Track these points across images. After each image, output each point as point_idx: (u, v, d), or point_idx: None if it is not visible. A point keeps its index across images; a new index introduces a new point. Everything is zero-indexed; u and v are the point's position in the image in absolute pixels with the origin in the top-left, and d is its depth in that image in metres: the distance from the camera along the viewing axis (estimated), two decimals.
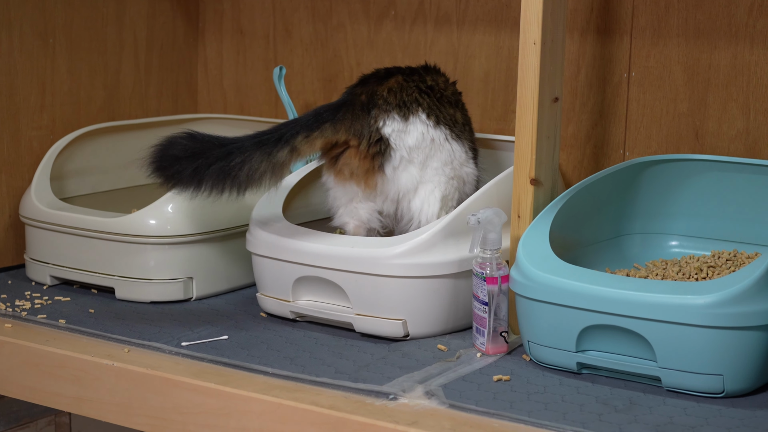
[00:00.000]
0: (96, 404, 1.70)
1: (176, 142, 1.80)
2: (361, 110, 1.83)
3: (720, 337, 1.48)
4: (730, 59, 1.92)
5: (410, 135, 1.83)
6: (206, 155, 1.77)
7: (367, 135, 1.81)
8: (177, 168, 1.78)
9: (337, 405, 1.51)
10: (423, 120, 1.84)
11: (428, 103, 1.85)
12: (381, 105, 1.83)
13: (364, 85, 1.88)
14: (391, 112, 1.83)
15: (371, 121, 1.82)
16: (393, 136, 1.82)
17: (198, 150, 1.78)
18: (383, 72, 1.90)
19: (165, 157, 1.79)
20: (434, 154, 1.84)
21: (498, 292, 1.67)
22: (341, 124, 1.82)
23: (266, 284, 1.86)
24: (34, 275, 2.06)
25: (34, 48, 2.15)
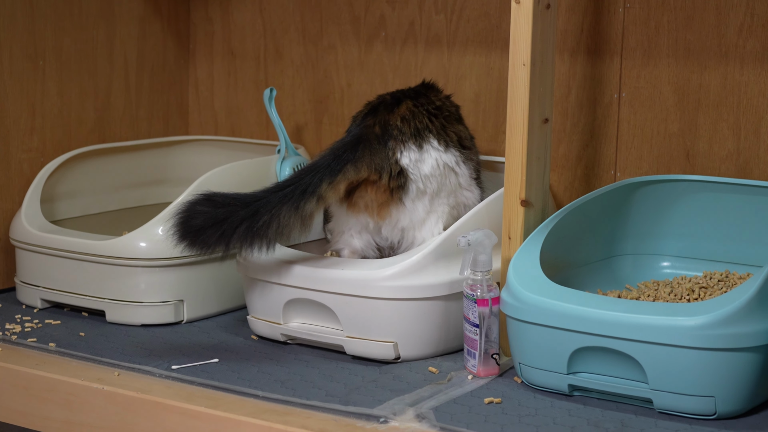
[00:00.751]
0: (86, 428, 1.69)
1: (198, 211, 1.75)
2: (377, 143, 1.82)
3: (711, 359, 1.48)
4: (721, 79, 1.93)
5: (425, 163, 1.83)
6: (231, 219, 1.74)
7: (387, 169, 1.81)
8: (203, 238, 1.74)
9: (328, 428, 1.50)
10: (435, 146, 1.84)
11: (437, 127, 1.85)
12: (396, 136, 1.83)
13: (374, 115, 1.86)
14: (407, 142, 1.83)
15: (389, 153, 1.81)
16: (411, 167, 1.82)
17: (221, 216, 1.74)
18: (390, 98, 1.89)
19: (189, 229, 1.75)
20: (444, 182, 1.85)
21: (489, 314, 1.67)
22: (362, 162, 1.81)
23: (257, 307, 1.85)
24: (24, 298, 2.06)
25: (24, 70, 2.15)
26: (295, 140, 2.36)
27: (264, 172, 2.13)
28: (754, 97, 1.90)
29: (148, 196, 2.35)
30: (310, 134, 2.37)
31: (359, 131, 1.84)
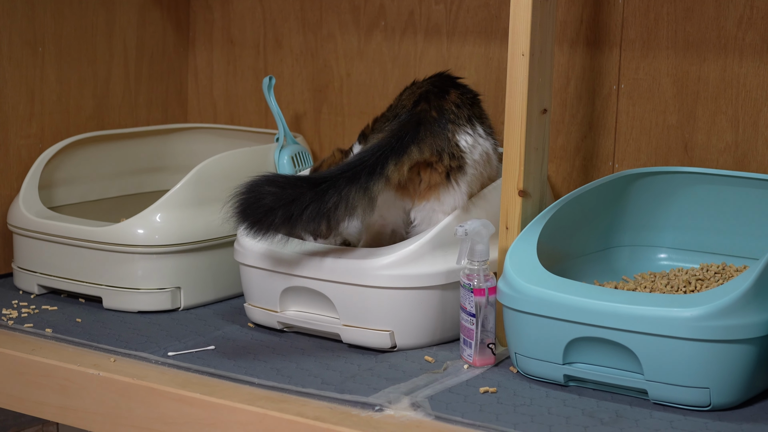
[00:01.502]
0: (82, 414, 1.69)
1: (266, 191, 1.73)
2: (437, 126, 1.81)
3: (707, 350, 1.48)
4: (720, 72, 1.92)
5: (476, 149, 1.83)
6: (299, 200, 1.72)
7: (447, 150, 1.80)
8: (270, 219, 1.72)
9: (323, 416, 1.51)
10: (480, 133, 1.84)
11: (479, 115, 1.87)
12: (454, 120, 1.82)
13: (427, 101, 1.84)
14: (464, 126, 1.83)
15: (449, 136, 1.81)
16: (467, 150, 1.82)
17: (290, 197, 1.72)
18: (432, 86, 1.87)
19: (256, 209, 1.73)
20: (485, 169, 1.85)
21: (485, 304, 1.67)
22: (424, 143, 1.79)
23: (254, 294, 1.86)
24: (21, 284, 2.06)
25: (23, 56, 2.15)
26: (293, 129, 2.36)
27: (262, 161, 2.13)
28: (753, 90, 1.90)
29: (146, 183, 2.35)
30: (308, 123, 2.37)
31: (416, 115, 1.83)
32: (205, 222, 1.97)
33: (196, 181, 1.99)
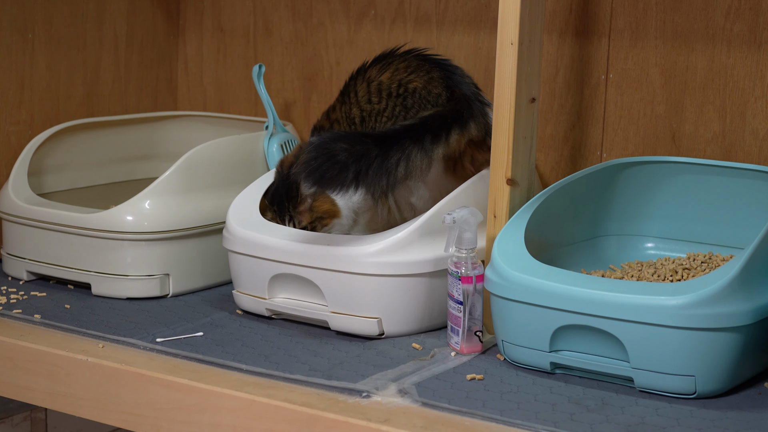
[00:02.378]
0: (70, 399, 1.70)
1: (339, 148, 1.73)
2: (481, 106, 1.87)
3: (692, 339, 1.49)
4: (707, 62, 1.93)
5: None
6: (367, 156, 1.74)
7: (490, 132, 1.83)
8: (344, 175, 1.73)
9: (310, 402, 1.51)
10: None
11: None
12: (483, 99, 1.89)
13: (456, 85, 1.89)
14: (489, 105, 1.88)
15: (489, 118, 1.85)
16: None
17: (359, 153, 1.74)
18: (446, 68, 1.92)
19: (331, 165, 1.72)
20: None
21: (473, 292, 1.68)
22: (477, 121, 1.85)
23: (242, 281, 1.86)
24: (10, 270, 2.06)
25: (13, 43, 2.15)
26: (283, 117, 2.37)
27: (252, 148, 2.13)
28: (741, 80, 1.91)
29: (135, 170, 2.35)
30: (298, 111, 2.37)
31: (464, 93, 1.88)
32: (194, 209, 1.98)
33: (185, 168, 1.99)
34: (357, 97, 1.93)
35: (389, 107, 1.90)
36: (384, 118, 1.90)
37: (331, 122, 1.94)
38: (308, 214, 1.85)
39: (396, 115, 1.89)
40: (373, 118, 1.91)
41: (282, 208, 1.86)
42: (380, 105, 1.91)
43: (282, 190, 1.87)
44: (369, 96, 1.92)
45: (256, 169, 2.13)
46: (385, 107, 1.90)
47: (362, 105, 1.92)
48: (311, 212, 1.85)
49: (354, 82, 1.95)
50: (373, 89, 1.92)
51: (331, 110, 1.97)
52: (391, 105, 1.90)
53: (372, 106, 1.91)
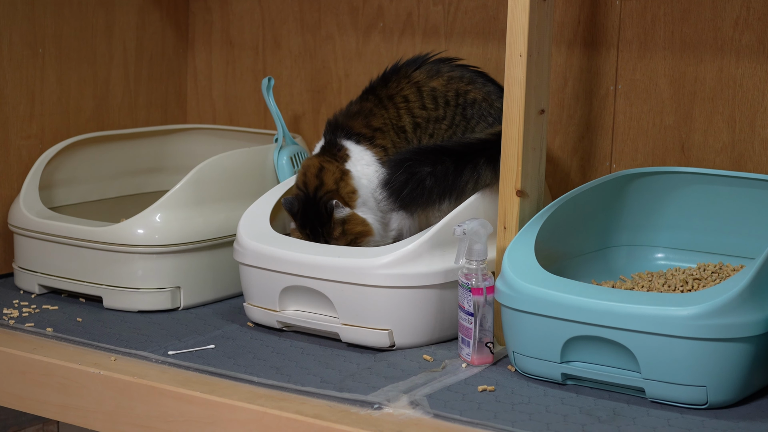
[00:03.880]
0: (82, 412, 1.70)
1: (424, 174, 1.82)
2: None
3: (704, 349, 1.49)
4: (716, 72, 1.94)
5: None
6: (446, 175, 1.82)
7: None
8: (431, 199, 1.83)
9: (322, 414, 1.51)
10: None
11: None
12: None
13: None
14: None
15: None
16: None
17: (442, 173, 1.82)
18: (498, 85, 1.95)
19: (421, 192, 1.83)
20: None
21: (483, 303, 1.68)
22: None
23: (253, 294, 1.86)
24: (22, 284, 2.06)
25: (24, 57, 2.16)
26: (292, 129, 2.37)
27: (262, 161, 2.14)
28: (749, 90, 1.91)
29: (146, 183, 2.36)
30: (307, 124, 2.38)
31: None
32: (204, 222, 1.98)
33: (195, 181, 2.00)
34: (408, 104, 1.94)
35: (449, 116, 1.92)
36: (444, 125, 1.92)
37: (373, 130, 1.94)
38: (343, 238, 1.87)
39: (456, 124, 1.92)
40: (431, 125, 1.93)
41: (316, 233, 1.88)
42: (437, 112, 1.92)
43: (311, 215, 1.87)
44: (423, 102, 1.93)
45: (266, 181, 2.13)
46: (443, 115, 1.92)
47: (414, 111, 1.93)
48: (345, 236, 1.87)
49: (396, 85, 1.96)
50: (427, 95, 1.93)
51: (368, 114, 1.95)
52: (450, 113, 1.92)
53: (428, 113, 1.92)
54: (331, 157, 1.92)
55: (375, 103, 1.95)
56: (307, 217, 1.88)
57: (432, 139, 1.92)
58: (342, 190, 1.89)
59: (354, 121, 1.95)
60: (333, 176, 1.90)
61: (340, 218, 1.86)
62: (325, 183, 1.88)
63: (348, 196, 1.89)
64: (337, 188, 1.89)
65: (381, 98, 1.95)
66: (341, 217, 1.86)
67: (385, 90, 1.96)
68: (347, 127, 1.95)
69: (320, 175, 1.89)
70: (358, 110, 1.96)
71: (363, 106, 1.96)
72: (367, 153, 1.92)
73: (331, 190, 1.88)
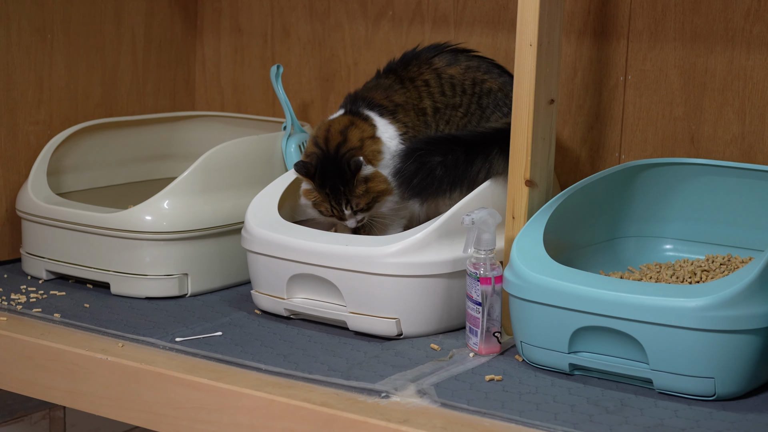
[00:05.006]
0: (90, 398, 1.70)
1: (434, 163, 1.83)
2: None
3: (712, 340, 1.49)
4: (727, 64, 1.93)
5: None
6: (457, 164, 1.83)
7: None
8: (441, 188, 1.84)
9: (329, 402, 1.51)
10: None
11: None
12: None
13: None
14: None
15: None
16: None
17: (452, 162, 1.83)
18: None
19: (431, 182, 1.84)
20: None
21: (491, 293, 1.68)
22: None
23: (261, 281, 1.86)
24: (29, 269, 2.06)
25: (32, 43, 2.16)
26: (300, 117, 2.37)
27: (270, 149, 2.14)
28: (760, 82, 1.91)
29: (154, 170, 2.36)
30: (316, 112, 2.38)
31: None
32: (212, 209, 1.98)
33: (204, 168, 2.00)
34: (429, 88, 1.94)
35: (464, 104, 1.93)
36: (460, 113, 1.93)
37: (395, 105, 1.93)
38: (365, 197, 1.87)
39: (472, 112, 1.92)
40: (448, 111, 1.93)
41: (336, 192, 1.86)
42: (454, 99, 1.93)
43: (332, 172, 1.86)
44: (442, 88, 1.94)
45: (275, 169, 2.13)
46: (459, 103, 1.93)
47: (435, 95, 1.94)
48: (368, 194, 1.87)
49: (417, 68, 1.96)
50: (446, 82, 1.94)
51: (388, 89, 1.95)
52: (466, 101, 1.93)
53: (446, 99, 1.93)
54: (359, 118, 1.92)
55: (395, 81, 1.96)
56: (327, 176, 1.87)
57: (448, 125, 1.92)
58: (367, 149, 1.88)
59: (374, 93, 1.95)
60: (360, 134, 1.89)
61: (364, 176, 1.85)
62: (348, 139, 1.87)
63: (373, 155, 1.88)
64: (362, 146, 1.88)
65: (402, 79, 1.95)
66: (365, 175, 1.85)
67: (405, 71, 1.96)
68: (368, 98, 1.94)
69: (345, 132, 1.88)
70: (376, 85, 1.96)
71: (381, 83, 1.96)
72: (390, 127, 1.92)
73: (354, 147, 1.87)
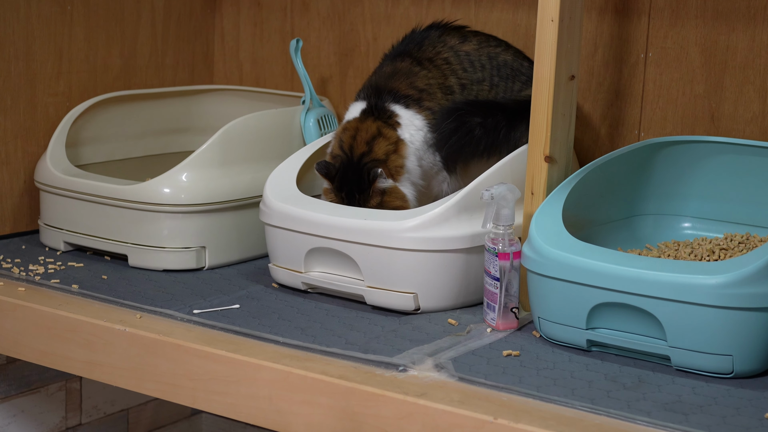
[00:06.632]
0: (107, 369, 1.71)
1: (474, 124, 1.85)
2: None
3: (730, 318, 1.49)
4: (748, 42, 1.92)
5: None
6: (497, 128, 1.86)
7: None
8: (476, 149, 1.87)
9: (347, 375, 1.52)
10: None
11: None
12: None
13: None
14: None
15: None
16: None
17: (492, 125, 1.86)
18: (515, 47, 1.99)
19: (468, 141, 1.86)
20: None
21: (510, 268, 1.68)
22: None
23: (278, 255, 1.86)
24: (47, 241, 2.07)
25: (52, 14, 2.16)
26: (319, 92, 2.37)
27: (289, 122, 2.14)
28: None
29: (172, 143, 2.36)
30: (334, 87, 2.37)
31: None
32: (230, 182, 1.98)
33: (222, 141, 2.00)
34: (450, 66, 1.95)
35: (486, 78, 1.95)
36: (485, 87, 1.95)
37: (419, 91, 1.92)
38: (379, 209, 1.85)
39: (496, 84, 1.95)
40: (474, 86, 1.95)
41: (351, 198, 1.86)
42: (476, 75, 1.95)
43: (351, 178, 1.86)
44: (462, 65, 1.95)
45: (293, 143, 2.13)
46: (482, 78, 1.95)
47: (459, 73, 1.95)
48: (381, 207, 1.85)
49: (433, 48, 1.96)
50: (464, 59, 1.95)
51: (409, 74, 1.94)
52: (487, 76, 1.95)
53: (469, 75, 1.95)
54: (386, 124, 1.90)
55: (413, 64, 1.95)
56: (346, 181, 1.86)
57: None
58: (391, 163, 1.87)
59: (396, 83, 1.93)
60: (385, 147, 1.87)
61: (381, 188, 1.85)
62: (373, 151, 1.86)
63: (395, 170, 1.87)
64: (386, 160, 1.87)
65: (420, 60, 1.95)
66: (382, 188, 1.85)
67: (420, 52, 1.95)
68: (392, 89, 1.93)
69: (371, 143, 1.87)
70: (394, 71, 1.95)
71: (399, 67, 1.95)
72: (417, 117, 1.91)
73: (378, 159, 1.86)
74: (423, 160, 1.89)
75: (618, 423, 1.39)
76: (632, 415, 1.40)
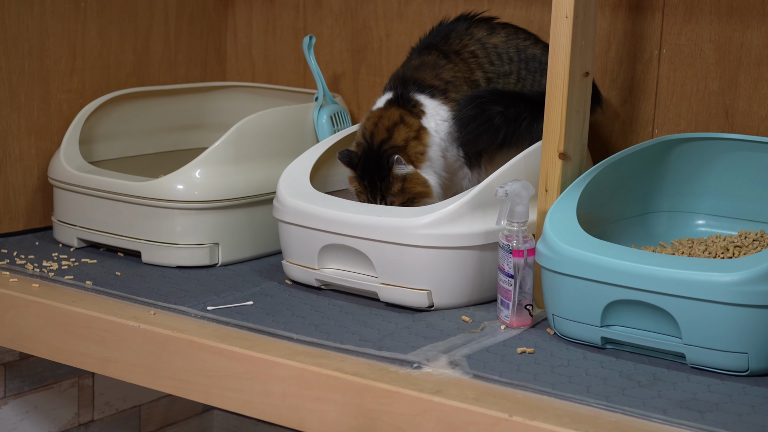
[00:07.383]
0: (121, 365, 1.71)
1: (494, 112, 1.84)
2: None
3: (746, 315, 1.48)
4: (763, 38, 1.92)
5: None
6: (518, 119, 1.85)
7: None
8: (494, 137, 1.86)
9: (361, 372, 1.52)
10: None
11: None
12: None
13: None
14: None
15: None
16: None
17: (513, 116, 1.85)
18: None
19: (487, 128, 1.85)
20: None
21: (524, 265, 1.67)
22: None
23: (292, 252, 1.86)
24: (61, 237, 2.07)
25: (66, 11, 2.16)
26: (332, 89, 2.36)
27: (302, 119, 2.14)
28: None
29: (184, 140, 2.36)
30: (347, 84, 2.37)
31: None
32: (244, 178, 1.98)
33: (236, 137, 2.00)
34: (477, 59, 1.94)
35: (514, 71, 1.94)
36: (512, 80, 1.94)
37: (445, 83, 1.92)
38: (401, 195, 1.85)
39: (523, 78, 1.94)
40: (501, 79, 1.94)
41: (374, 186, 1.86)
42: (503, 68, 1.94)
43: (372, 167, 1.85)
44: (489, 58, 1.94)
45: (306, 140, 2.13)
46: (509, 71, 1.94)
47: (485, 67, 1.94)
48: (403, 194, 1.85)
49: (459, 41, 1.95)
50: (491, 52, 1.94)
51: (435, 66, 1.93)
52: (515, 69, 1.94)
53: (496, 68, 1.94)
54: (409, 112, 1.89)
55: (439, 57, 1.94)
56: (367, 169, 1.86)
57: None
58: (411, 150, 1.86)
59: (422, 73, 1.93)
60: (405, 134, 1.87)
61: (401, 175, 1.84)
62: (393, 138, 1.86)
63: (416, 156, 1.86)
64: (406, 146, 1.86)
65: (446, 53, 1.94)
66: (402, 174, 1.84)
67: (447, 45, 1.95)
68: (417, 79, 1.92)
69: (392, 129, 1.87)
70: (421, 63, 1.94)
71: (425, 60, 1.94)
72: (442, 108, 1.90)
73: (397, 146, 1.86)
74: (447, 151, 1.88)
75: (633, 420, 1.39)
76: (647, 412, 1.39)
